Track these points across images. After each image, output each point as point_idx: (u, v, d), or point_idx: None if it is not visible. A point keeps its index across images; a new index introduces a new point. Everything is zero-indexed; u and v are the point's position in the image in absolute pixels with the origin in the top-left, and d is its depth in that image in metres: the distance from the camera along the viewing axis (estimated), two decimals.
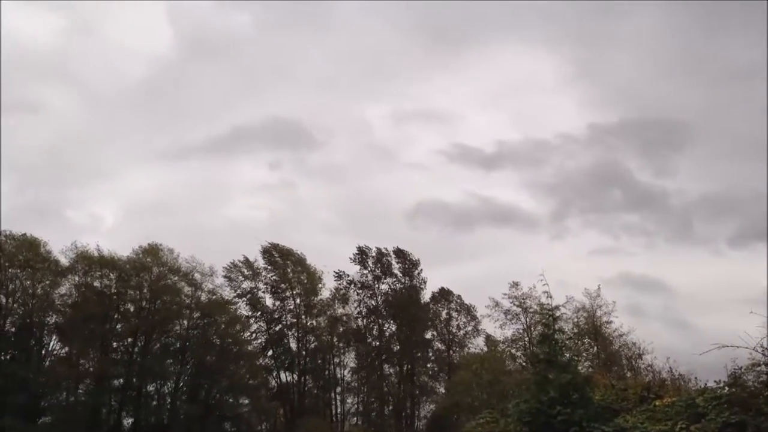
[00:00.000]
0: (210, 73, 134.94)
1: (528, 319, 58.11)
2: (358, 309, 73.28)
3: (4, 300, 56.58)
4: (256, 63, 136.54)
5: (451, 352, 74.65)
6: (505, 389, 39.73)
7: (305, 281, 70.54)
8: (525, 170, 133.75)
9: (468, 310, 75.20)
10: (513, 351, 59.32)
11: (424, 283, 76.13)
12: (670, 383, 25.91)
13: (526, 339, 57.67)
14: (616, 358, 50.09)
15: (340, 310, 72.09)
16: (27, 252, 57.55)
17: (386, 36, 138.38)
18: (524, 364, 53.37)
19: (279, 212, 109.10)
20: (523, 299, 58.63)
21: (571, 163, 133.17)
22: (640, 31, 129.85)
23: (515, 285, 58.99)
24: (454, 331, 75.65)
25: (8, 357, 56.42)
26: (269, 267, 70.88)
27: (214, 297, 63.52)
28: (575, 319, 52.20)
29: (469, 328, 75.02)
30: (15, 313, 56.92)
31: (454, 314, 76.04)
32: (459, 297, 75.78)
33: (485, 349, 65.02)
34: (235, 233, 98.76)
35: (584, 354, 49.12)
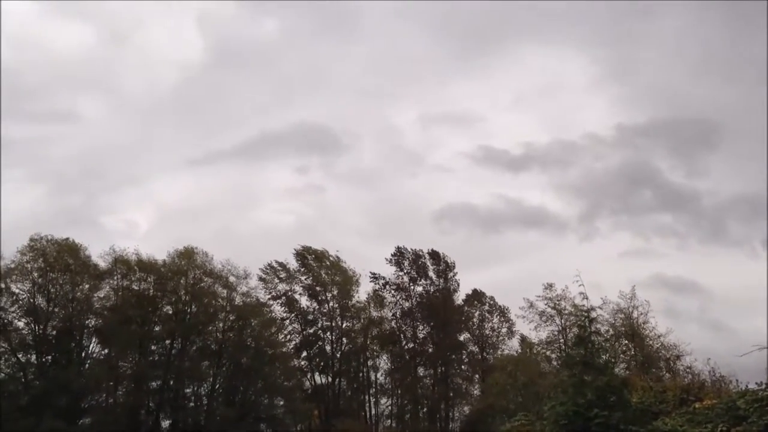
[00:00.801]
0: (239, 79, 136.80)
1: (563, 321, 57.64)
2: (393, 311, 73.39)
3: (45, 304, 57.75)
4: (284, 69, 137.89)
5: (484, 354, 74.31)
6: (540, 391, 39.45)
7: (340, 283, 70.84)
8: (553, 172, 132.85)
9: (502, 312, 74.81)
10: (548, 353, 58.87)
11: (458, 285, 76.01)
12: (710, 385, 25.53)
13: (562, 341, 57.19)
14: (654, 360, 49.44)
15: (374, 313, 72.22)
16: (67, 256, 58.70)
17: (413, 40, 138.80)
18: (559, 366, 52.93)
19: (308, 216, 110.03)
20: (557, 301, 58.18)
21: (599, 164, 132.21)
22: (669, 31, 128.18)
23: (549, 287, 58.58)
24: (487, 333, 75.31)
25: (50, 359, 57.49)
26: (302, 269, 71.33)
27: (248, 299, 64.07)
28: (612, 321, 51.65)
29: (503, 330, 74.68)
30: (56, 317, 58.01)
31: (488, 316, 75.73)
32: (492, 299, 75.50)
33: (519, 350, 64.61)
34: (266, 237, 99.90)
35: (621, 356, 48.56)
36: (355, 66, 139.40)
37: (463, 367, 75.92)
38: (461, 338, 75.78)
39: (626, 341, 51.41)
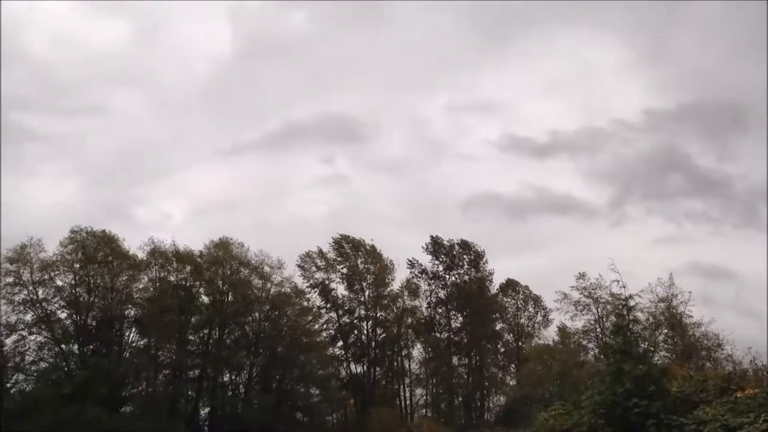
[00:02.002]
0: (267, 71, 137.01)
1: (599, 310, 57.05)
2: (427, 300, 73.41)
3: (86, 295, 58.95)
4: (311, 60, 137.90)
5: (520, 343, 73.94)
6: (577, 381, 39.12)
7: (376, 273, 71.03)
8: (580, 158, 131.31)
9: (536, 301, 74.33)
10: (585, 342, 58.38)
11: (491, 274, 75.66)
12: (752, 374, 24.98)
13: (599, 330, 56.65)
14: (694, 349, 48.70)
15: (408, 301, 72.30)
16: (106, 248, 59.80)
17: (440, 28, 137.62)
18: (597, 355, 52.46)
19: (336, 206, 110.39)
20: (592, 290, 57.56)
21: (628, 150, 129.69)
22: (701, 14, 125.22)
23: (582, 276, 57.98)
24: (523, 322, 74.90)
25: (91, 349, 58.69)
26: (340, 258, 71.64)
27: (283, 289, 64.58)
28: (651, 309, 50.96)
29: (539, 319, 74.19)
30: (96, 307, 59.18)
31: (522, 305, 75.29)
32: (527, 288, 75.01)
33: (556, 339, 64.14)
34: (296, 227, 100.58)
35: (662, 345, 47.94)
36: (381, 55, 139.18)
37: (498, 356, 75.68)
38: (496, 327, 75.55)
39: (667, 330, 50.69)
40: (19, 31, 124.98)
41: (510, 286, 75.57)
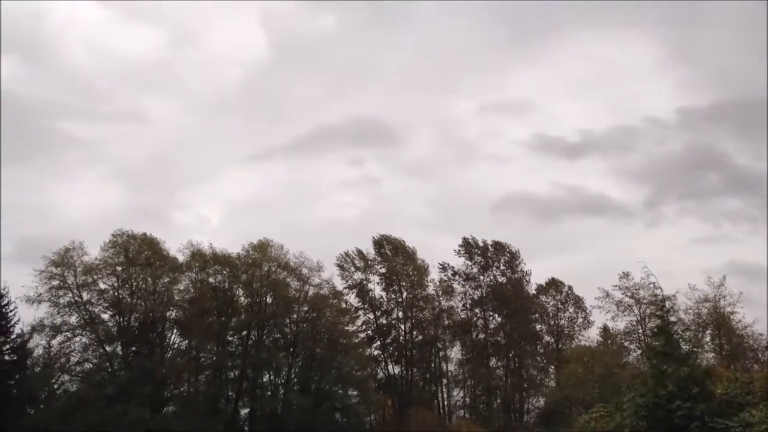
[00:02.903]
0: (299, 75, 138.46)
1: (641, 311, 56.04)
2: (462, 301, 73.08)
3: (128, 297, 60.01)
4: (341, 63, 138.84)
5: (560, 344, 73.09)
6: (619, 383, 38.54)
7: (413, 275, 70.96)
8: (613, 158, 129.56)
9: (577, 302, 73.39)
10: (626, 343, 57.39)
11: (528, 275, 74.97)
12: None
13: (641, 331, 55.66)
14: (740, 350, 47.58)
15: (444, 303, 72.07)
16: (147, 251, 60.82)
17: (469, 29, 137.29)
18: (639, 357, 51.56)
19: (366, 208, 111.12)
20: (635, 290, 56.53)
21: (661, 149, 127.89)
22: (733, 11, 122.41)
23: (626, 275, 56.94)
24: (563, 323, 74.03)
25: (133, 350, 59.70)
26: (379, 258, 71.73)
27: (321, 291, 64.87)
28: (696, 310, 49.91)
29: (580, 320, 73.24)
30: (138, 309, 60.23)
31: (561, 306, 74.41)
32: (570, 288, 74.11)
33: (598, 340, 63.24)
34: (328, 229, 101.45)
35: (707, 346, 46.94)
36: (410, 58, 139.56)
37: (537, 358, 74.91)
38: (536, 329, 74.79)
39: (712, 331, 49.62)
40: (58, 40, 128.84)
41: (551, 285, 74.77)
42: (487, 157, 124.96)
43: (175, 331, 62.40)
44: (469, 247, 74.22)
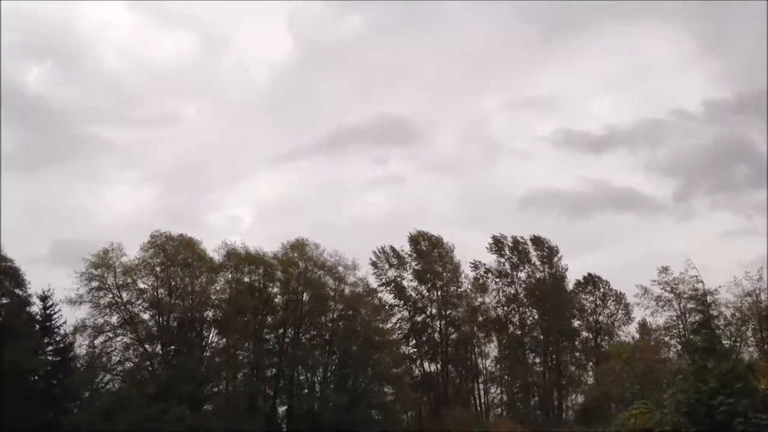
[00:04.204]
0: (326, 75, 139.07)
1: (681, 306, 55.03)
2: (497, 298, 72.60)
3: (167, 297, 60.90)
4: (367, 63, 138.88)
5: (599, 340, 72.16)
6: (659, 379, 37.94)
7: (448, 273, 70.70)
8: (640, 152, 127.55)
9: (618, 298, 72.37)
10: (667, 339, 56.44)
11: (565, 270, 74.17)
12: None
13: (681, 326, 54.67)
14: None
15: (479, 300, 71.67)
16: (185, 251, 61.64)
17: (494, 27, 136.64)
18: (680, 352, 50.69)
19: (393, 206, 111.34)
20: (675, 285, 55.52)
21: (689, 142, 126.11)
22: (761, 2, 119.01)
23: (665, 270, 55.96)
24: (602, 319, 73.07)
25: (173, 350, 60.59)
26: (415, 255, 71.60)
27: (357, 289, 65.03)
28: (737, 304, 48.89)
29: (620, 316, 72.23)
30: (177, 309, 61.09)
31: (600, 302, 73.46)
32: (607, 283, 73.14)
33: (637, 337, 62.26)
34: (357, 228, 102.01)
35: (748, 340, 45.98)
36: (435, 57, 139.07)
37: (575, 354, 74.08)
38: (573, 324, 73.98)
39: (754, 325, 48.56)
40: (91, 46, 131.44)
41: (589, 281, 73.88)
42: (512, 154, 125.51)
43: (213, 330, 63.17)
44: (499, 245, 73.71)
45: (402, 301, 70.50)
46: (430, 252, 71.66)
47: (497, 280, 72.75)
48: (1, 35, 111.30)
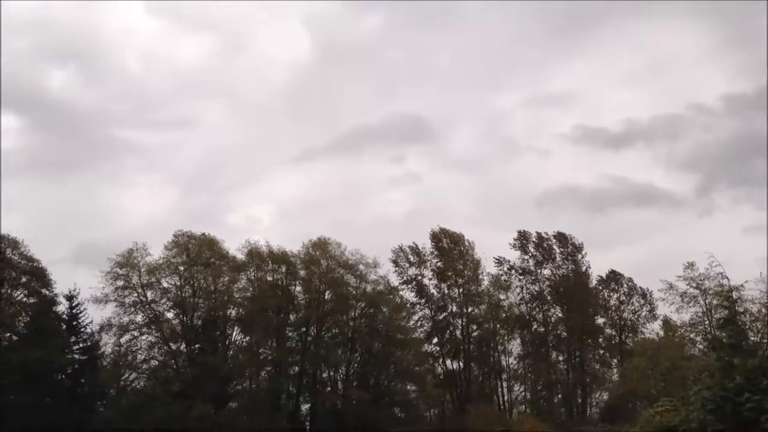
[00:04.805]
0: (344, 75, 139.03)
1: (707, 302, 54.30)
2: (520, 295, 72.19)
3: (191, 296, 61.42)
4: (385, 62, 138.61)
5: (623, 337, 71.49)
6: (684, 376, 37.52)
7: (468, 271, 70.47)
8: (659, 147, 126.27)
9: (643, 294, 71.60)
10: (692, 336, 55.74)
11: (589, 267, 73.56)
12: None
13: (707, 323, 53.96)
14: None
15: (502, 297, 71.34)
16: (208, 250, 62.13)
17: (512, 24, 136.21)
18: (705, 349, 50.06)
19: (412, 205, 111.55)
20: (700, 281, 54.79)
21: (709, 136, 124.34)
22: None
23: (690, 266, 55.25)
24: (626, 316, 72.36)
25: (197, 348, 61.17)
26: (436, 252, 71.48)
27: (378, 287, 65.09)
28: (765, 300, 48.08)
29: (644, 313, 71.48)
30: (200, 308, 61.63)
31: (625, 298, 72.75)
32: (631, 280, 72.39)
33: (661, 334, 61.57)
34: (377, 226, 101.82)
35: None
36: (453, 55, 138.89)
37: (599, 351, 73.47)
38: (597, 321, 73.37)
39: None
40: (113, 50, 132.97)
41: (612, 278, 73.19)
42: (530, 151, 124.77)
43: (236, 328, 63.65)
44: (523, 241, 73.24)
45: (423, 299, 70.37)
46: (451, 249, 71.43)
47: (521, 277, 72.29)
48: (2, 39, 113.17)
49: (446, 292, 70.53)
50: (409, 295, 70.26)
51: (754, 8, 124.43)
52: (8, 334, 59.62)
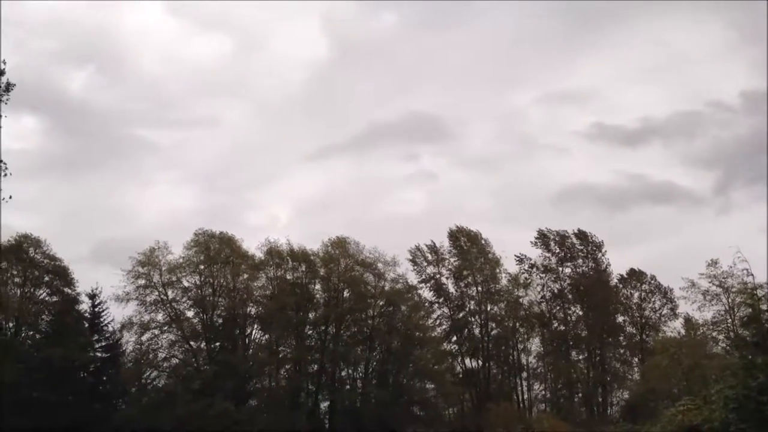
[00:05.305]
0: (360, 73, 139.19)
1: (730, 300, 53.63)
2: (541, 293, 71.77)
3: (211, 295, 61.78)
4: (401, 60, 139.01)
5: (644, 336, 70.85)
6: (706, 375, 37.13)
7: (486, 270, 70.23)
8: (676, 144, 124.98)
9: (664, 292, 70.89)
10: (714, 334, 55.10)
11: (609, 265, 72.97)
12: None
13: (729, 321, 53.32)
14: None
15: (521, 294, 70.97)
16: (227, 249, 62.48)
17: (528, 21, 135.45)
18: (728, 348, 49.49)
19: (427, 203, 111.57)
20: (723, 278, 54.11)
21: (727, 133, 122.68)
22: None
23: (713, 263, 54.59)
24: (647, 314, 71.69)
25: (217, 346, 61.56)
26: (454, 251, 71.31)
27: (397, 286, 65.08)
28: None
29: (665, 311, 70.77)
30: (220, 306, 62.00)
31: (646, 296, 72.05)
32: (653, 278, 71.70)
33: (683, 332, 60.93)
34: (393, 225, 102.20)
35: None
36: (468, 53, 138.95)
37: (620, 350, 72.87)
38: (618, 320, 72.76)
39: None
40: (132, 51, 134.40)
41: (633, 276, 72.54)
42: (546, 148, 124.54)
43: (255, 326, 63.95)
44: (545, 239, 72.82)
45: (441, 298, 70.23)
46: (469, 248, 71.22)
47: (542, 275, 71.89)
48: (23, 41, 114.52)
49: (464, 290, 70.36)
50: (427, 293, 70.26)
51: None
52: (32, 333, 60.51)
